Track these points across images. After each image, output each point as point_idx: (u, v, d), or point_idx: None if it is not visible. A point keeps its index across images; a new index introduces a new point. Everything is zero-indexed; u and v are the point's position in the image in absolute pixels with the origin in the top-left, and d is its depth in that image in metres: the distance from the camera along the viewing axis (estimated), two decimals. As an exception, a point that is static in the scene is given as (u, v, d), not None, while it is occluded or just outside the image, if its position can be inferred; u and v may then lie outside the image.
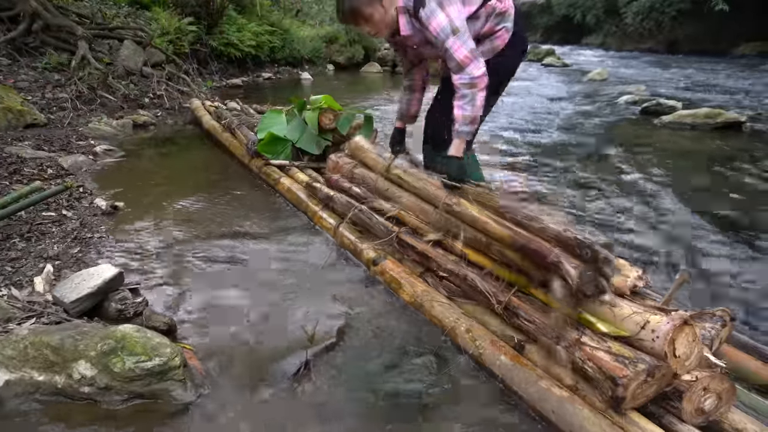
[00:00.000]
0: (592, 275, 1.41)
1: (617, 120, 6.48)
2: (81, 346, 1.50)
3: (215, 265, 2.34)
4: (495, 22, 2.12)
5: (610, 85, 9.87)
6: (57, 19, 5.81)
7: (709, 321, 1.57)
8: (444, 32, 1.90)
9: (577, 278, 1.40)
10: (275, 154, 3.48)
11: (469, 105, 1.96)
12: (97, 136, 4.49)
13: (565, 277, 1.43)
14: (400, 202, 2.31)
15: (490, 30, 2.13)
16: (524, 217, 1.66)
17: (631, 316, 1.41)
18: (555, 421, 1.39)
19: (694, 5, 17.00)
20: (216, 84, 8.35)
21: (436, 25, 1.90)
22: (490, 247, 1.81)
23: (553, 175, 4.00)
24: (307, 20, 14.35)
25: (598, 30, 23.29)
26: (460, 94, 1.97)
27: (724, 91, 8.72)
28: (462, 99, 1.97)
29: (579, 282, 1.40)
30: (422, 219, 2.19)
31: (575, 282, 1.40)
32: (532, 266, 1.64)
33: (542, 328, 1.53)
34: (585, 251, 1.41)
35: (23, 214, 2.59)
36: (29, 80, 5.30)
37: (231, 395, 1.55)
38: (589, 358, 1.38)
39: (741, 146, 5.00)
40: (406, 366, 1.71)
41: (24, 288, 1.99)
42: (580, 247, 1.42)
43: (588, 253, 1.40)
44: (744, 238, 2.83)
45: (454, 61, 1.94)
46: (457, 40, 1.91)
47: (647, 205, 3.32)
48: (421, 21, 1.93)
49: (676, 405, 1.35)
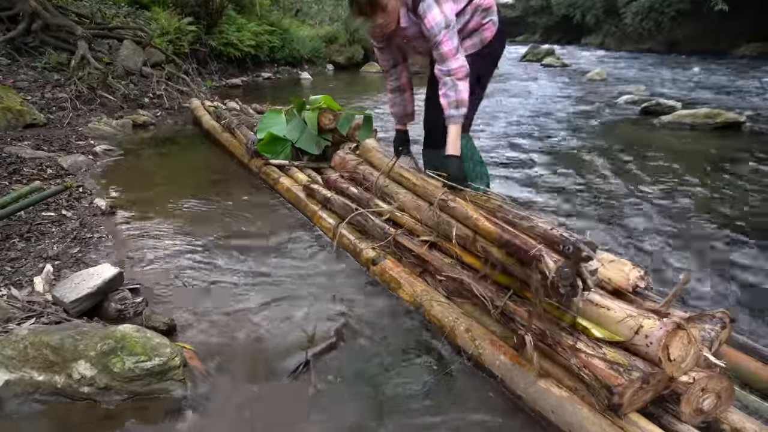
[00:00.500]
0: (570, 272, 1.41)
1: (617, 120, 6.49)
2: (81, 346, 1.50)
3: (215, 265, 2.34)
4: (481, 16, 2.31)
5: (610, 85, 9.89)
6: (56, 19, 5.81)
7: (709, 323, 1.57)
8: (438, 26, 2.06)
9: (554, 272, 1.39)
10: (275, 154, 3.48)
11: (451, 91, 2.13)
12: (97, 136, 4.49)
13: (543, 270, 1.42)
14: (397, 199, 2.33)
15: (477, 24, 2.32)
16: (515, 216, 1.68)
17: (625, 320, 1.40)
18: (554, 421, 1.39)
19: (694, 5, 17.01)
20: (215, 84, 8.35)
21: (431, 18, 2.05)
22: (476, 244, 1.82)
23: (550, 175, 4.01)
24: (306, 20, 14.35)
25: (597, 30, 23.32)
26: (442, 83, 2.15)
27: (723, 91, 8.73)
28: (444, 87, 2.15)
29: (556, 276, 1.40)
30: (416, 217, 2.20)
31: (552, 275, 1.39)
32: (516, 263, 1.64)
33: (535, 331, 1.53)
34: (568, 247, 1.41)
35: (23, 214, 2.59)
36: (29, 80, 5.30)
37: (231, 395, 1.55)
38: (585, 365, 1.37)
39: (741, 146, 5.00)
40: (405, 366, 1.71)
41: (24, 288, 1.99)
42: (563, 244, 1.42)
43: (570, 248, 1.40)
44: (743, 238, 2.83)
45: (438, 51, 2.11)
46: (447, 34, 2.08)
47: (645, 206, 3.32)
48: (418, 14, 2.08)
49: (675, 407, 1.35)
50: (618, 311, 1.44)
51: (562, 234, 1.45)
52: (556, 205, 3.31)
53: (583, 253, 1.38)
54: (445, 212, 2.01)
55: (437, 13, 2.05)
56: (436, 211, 2.03)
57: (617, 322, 1.42)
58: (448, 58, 2.10)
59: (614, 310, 1.45)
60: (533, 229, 1.57)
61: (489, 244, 1.75)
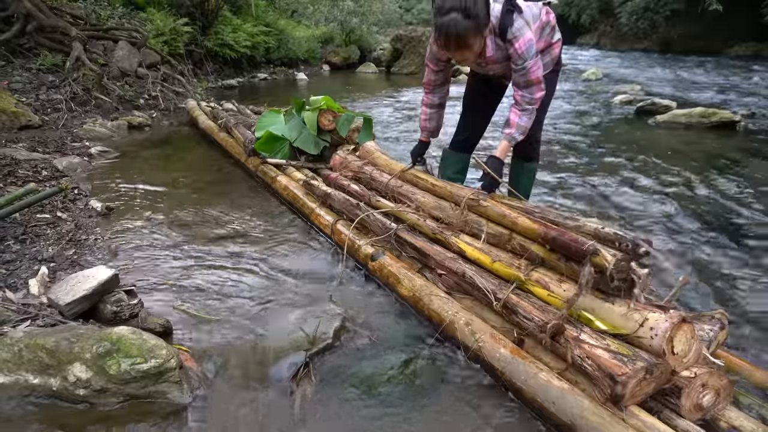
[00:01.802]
0: (626, 266, 1.45)
1: (612, 119, 6.50)
2: (76, 348, 1.48)
3: (211, 266, 2.33)
4: (550, 35, 2.24)
5: (605, 84, 9.91)
6: (51, 20, 5.78)
7: (708, 323, 1.57)
8: (529, 52, 1.98)
9: (613, 264, 1.42)
10: (272, 153, 3.47)
11: (527, 117, 2.12)
12: (92, 137, 4.48)
13: (601, 263, 1.44)
14: (414, 199, 2.33)
15: (546, 44, 2.25)
16: (557, 216, 1.73)
17: (630, 313, 1.42)
18: (555, 412, 1.39)
19: (688, 5, 17.09)
20: (211, 85, 8.33)
21: (523, 42, 1.97)
22: (511, 242, 1.86)
23: (544, 174, 4.01)
24: (302, 21, 14.34)
25: (593, 30, 23.40)
26: (522, 108, 2.12)
27: (718, 90, 8.76)
28: (523, 112, 2.12)
29: (614, 269, 1.43)
30: (436, 216, 2.22)
31: (611, 267, 1.42)
32: (559, 258, 1.68)
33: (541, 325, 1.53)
34: (626, 244, 1.45)
35: (18, 216, 2.57)
36: (23, 81, 5.27)
37: (228, 397, 1.54)
38: (587, 356, 1.38)
39: (735, 145, 5.02)
40: (404, 363, 1.71)
41: (19, 290, 1.97)
42: (620, 241, 1.47)
43: (629, 245, 1.44)
44: (740, 237, 2.84)
45: (526, 78, 2.05)
46: (537, 62, 2.04)
47: (643, 206, 3.33)
48: (507, 39, 1.99)
49: (675, 401, 1.35)
50: (623, 305, 1.44)
51: (616, 232, 1.51)
52: (547, 203, 3.31)
53: (641, 248, 1.42)
54: (475, 212, 2.03)
55: (529, 38, 1.97)
56: (464, 211, 2.05)
57: (621, 315, 1.43)
58: (535, 85, 2.06)
59: (618, 304, 1.45)
60: (581, 228, 1.62)
61: (529, 242, 1.78)
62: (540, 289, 1.65)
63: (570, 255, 1.61)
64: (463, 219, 2.05)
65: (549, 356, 1.56)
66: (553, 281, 1.66)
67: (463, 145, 2.58)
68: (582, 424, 1.32)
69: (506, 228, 1.89)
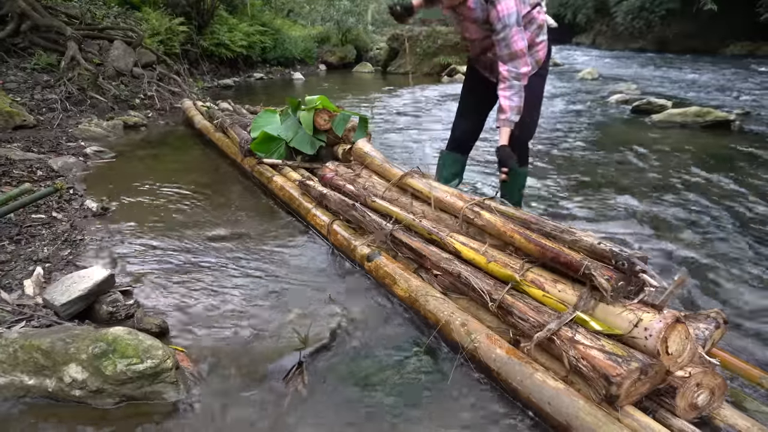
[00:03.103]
0: (624, 285, 1.46)
1: (608, 119, 6.53)
2: (72, 349, 1.48)
3: (208, 266, 2.33)
4: (536, 33, 2.16)
5: (601, 84, 9.95)
6: (46, 20, 5.75)
7: (703, 322, 1.58)
8: (509, 18, 1.90)
9: (610, 291, 1.44)
10: (268, 153, 3.47)
11: (516, 96, 2.02)
12: (88, 137, 4.46)
13: (599, 287, 1.46)
14: (413, 211, 2.28)
15: (531, 40, 2.14)
16: (554, 229, 1.69)
17: (624, 313, 1.42)
18: (551, 413, 1.39)
19: (684, 5, 17.17)
20: (207, 84, 8.31)
21: (505, 7, 1.89)
22: (507, 248, 1.86)
23: (540, 173, 4.02)
24: (298, 20, 14.33)
25: (588, 29, 23.48)
26: (508, 85, 2.00)
27: (713, 89, 8.81)
28: (510, 90, 2.01)
29: (612, 294, 1.45)
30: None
31: (609, 294, 1.44)
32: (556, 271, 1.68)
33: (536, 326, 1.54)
34: (622, 262, 1.44)
35: (12, 217, 2.55)
36: (18, 81, 5.24)
37: (224, 397, 1.54)
38: (582, 357, 1.38)
39: (729, 144, 5.05)
40: (400, 364, 1.71)
41: (14, 291, 1.96)
42: (616, 259, 1.46)
43: (625, 264, 1.44)
44: (736, 236, 2.85)
45: (508, 49, 1.95)
46: (519, 32, 1.93)
47: (638, 205, 3.34)
48: None
49: (670, 401, 1.36)
50: (617, 305, 1.45)
51: (612, 249, 1.48)
52: (545, 203, 3.32)
53: (637, 267, 1.42)
54: (473, 225, 2.00)
55: (512, 6, 1.88)
56: (463, 225, 2.03)
57: (616, 315, 1.44)
58: (519, 58, 1.95)
59: (612, 304, 1.46)
60: (577, 242, 1.58)
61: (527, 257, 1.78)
62: (535, 289, 1.66)
63: (568, 273, 1.62)
64: (464, 232, 2.05)
65: (544, 356, 1.56)
66: (548, 281, 1.66)
67: (460, 145, 2.59)
68: (577, 425, 1.32)
69: (505, 242, 1.88)
